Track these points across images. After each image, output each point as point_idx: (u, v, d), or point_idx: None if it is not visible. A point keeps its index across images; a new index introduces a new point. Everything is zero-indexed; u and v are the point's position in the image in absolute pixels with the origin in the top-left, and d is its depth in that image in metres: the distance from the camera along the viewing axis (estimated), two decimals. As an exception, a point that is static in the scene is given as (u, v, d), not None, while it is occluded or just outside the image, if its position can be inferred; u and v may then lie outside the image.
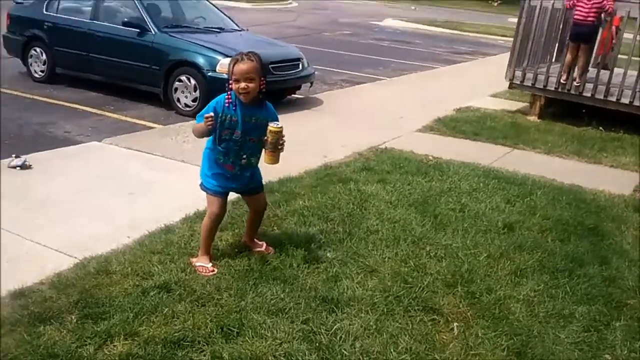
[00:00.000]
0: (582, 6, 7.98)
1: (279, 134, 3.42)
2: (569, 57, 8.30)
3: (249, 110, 3.47)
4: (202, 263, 3.61)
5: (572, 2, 8.09)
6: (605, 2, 7.87)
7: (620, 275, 3.92)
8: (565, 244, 4.32)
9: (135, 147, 6.03)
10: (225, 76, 8.02)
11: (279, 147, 3.46)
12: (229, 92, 3.44)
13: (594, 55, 9.15)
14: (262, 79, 3.45)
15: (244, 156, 3.54)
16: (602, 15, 8.07)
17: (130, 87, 8.51)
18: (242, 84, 3.36)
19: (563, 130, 8.06)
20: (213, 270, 3.56)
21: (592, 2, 7.89)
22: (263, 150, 3.54)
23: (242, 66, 3.35)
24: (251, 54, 3.43)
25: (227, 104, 3.43)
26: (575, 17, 8.08)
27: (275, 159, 3.51)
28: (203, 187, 3.65)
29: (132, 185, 4.99)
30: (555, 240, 4.39)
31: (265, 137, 3.45)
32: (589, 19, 7.96)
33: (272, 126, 3.40)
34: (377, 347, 2.98)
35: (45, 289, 3.28)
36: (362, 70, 12.92)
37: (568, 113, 8.69)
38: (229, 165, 3.56)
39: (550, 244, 4.30)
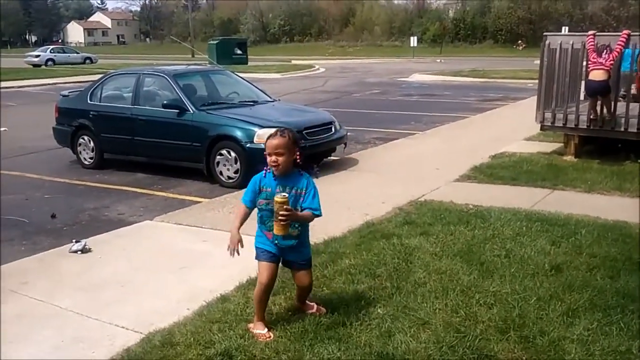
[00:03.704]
0: (594, 64, 7.98)
1: (278, 204, 3.49)
2: (591, 104, 8.36)
3: (287, 182, 3.64)
4: (258, 330, 3.75)
5: (591, 48, 8.05)
6: (613, 55, 7.87)
7: (673, 308, 3.89)
8: (615, 281, 4.32)
9: (185, 222, 6.30)
10: (263, 146, 8.23)
11: (279, 217, 3.51)
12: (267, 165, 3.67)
13: (633, 88, 9.13)
14: (298, 152, 3.64)
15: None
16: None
17: (175, 165, 8.90)
18: (272, 158, 3.58)
19: (601, 167, 8.06)
20: (269, 336, 3.69)
21: (604, 60, 7.89)
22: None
23: (273, 141, 3.58)
24: (286, 130, 3.65)
25: (264, 175, 3.67)
26: (590, 77, 8.09)
27: (277, 229, 3.56)
28: (256, 253, 3.81)
29: (186, 258, 5.21)
30: (604, 277, 4.38)
31: None
32: (602, 78, 7.93)
33: (275, 196, 3.52)
34: (436, 397, 3.04)
35: (116, 364, 3.47)
36: (394, 127, 13.16)
37: (604, 149, 8.70)
38: (267, 233, 3.72)
39: (600, 282, 4.30)
